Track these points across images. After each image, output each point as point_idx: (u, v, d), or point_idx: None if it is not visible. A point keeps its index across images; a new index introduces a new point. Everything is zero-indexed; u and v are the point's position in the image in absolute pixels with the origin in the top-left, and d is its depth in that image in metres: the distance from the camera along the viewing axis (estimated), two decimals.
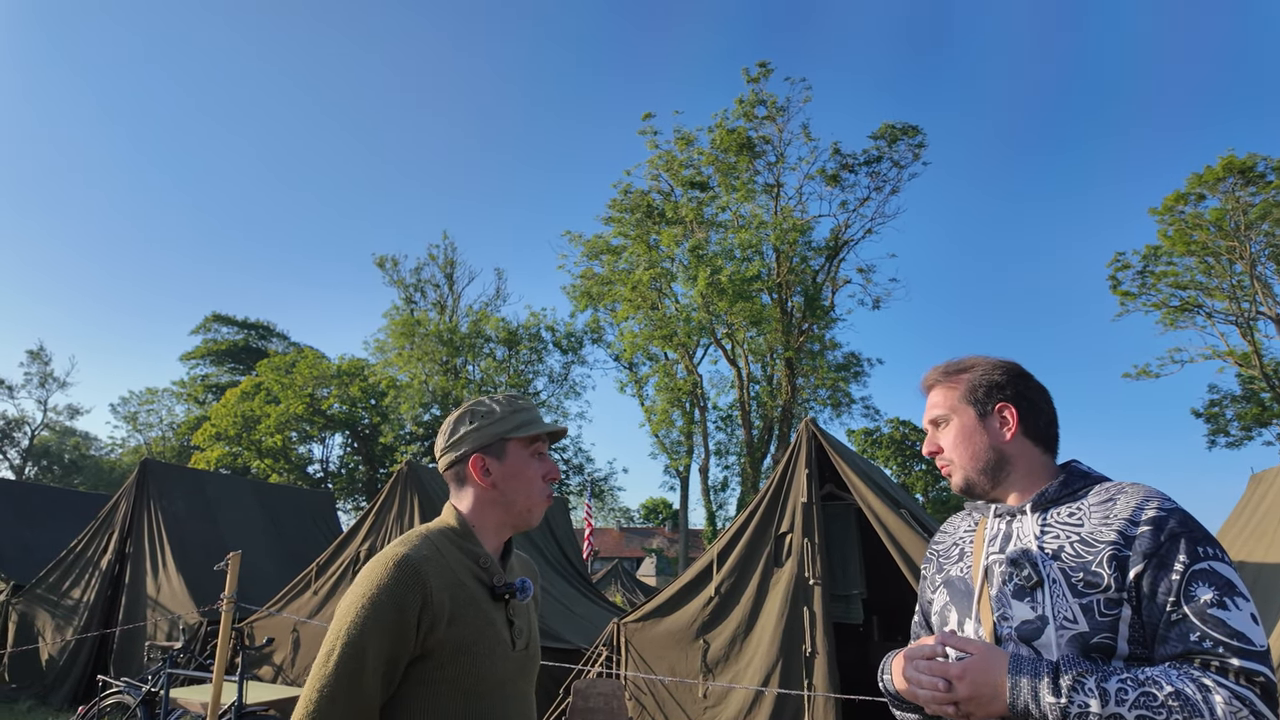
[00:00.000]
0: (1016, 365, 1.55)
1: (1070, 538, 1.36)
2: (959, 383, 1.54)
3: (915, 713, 1.50)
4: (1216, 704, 1.12)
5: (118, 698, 5.89)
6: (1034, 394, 1.52)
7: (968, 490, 1.52)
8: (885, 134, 26.29)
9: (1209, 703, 1.12)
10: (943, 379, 1.57)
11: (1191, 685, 1.14)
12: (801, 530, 5.63)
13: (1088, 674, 1.19)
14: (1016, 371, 1.54)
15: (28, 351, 46.57)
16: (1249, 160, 24.11)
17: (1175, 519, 1.29)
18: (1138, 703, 1.13)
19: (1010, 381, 1.52)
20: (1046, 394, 1.54)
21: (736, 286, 23.77)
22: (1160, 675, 1.17)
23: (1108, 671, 1.20)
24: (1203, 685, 1.14)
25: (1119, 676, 1.18)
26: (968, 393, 1.52)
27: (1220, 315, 26.43)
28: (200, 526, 9.56)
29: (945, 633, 1.40)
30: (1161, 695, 1.13)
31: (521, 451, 1.56)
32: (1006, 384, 1.51)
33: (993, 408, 1.50)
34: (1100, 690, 1.16)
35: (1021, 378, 1.53)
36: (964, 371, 1.56)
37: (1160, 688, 1.14)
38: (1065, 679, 1.19)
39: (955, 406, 1.53)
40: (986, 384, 1.51)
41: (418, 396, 29.84)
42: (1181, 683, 1.15)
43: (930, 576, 1.64)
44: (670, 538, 50.13)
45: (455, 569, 1.46)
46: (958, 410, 1.52)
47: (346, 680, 1.31)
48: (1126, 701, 1.14)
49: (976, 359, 1.57)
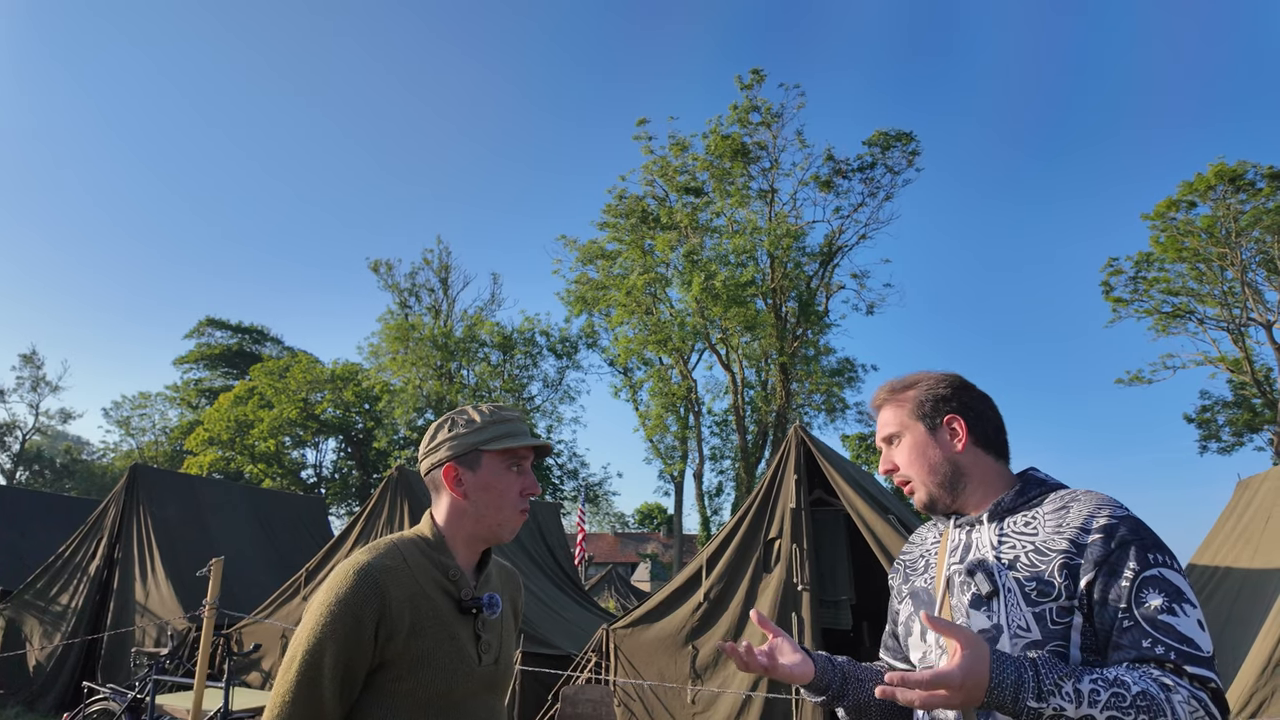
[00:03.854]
0: (959, 376, 1.58)
1: (1025, 547, 1.38)
2: (906, 399, 1.57)
3: (836, 703, 1.54)
4: (1176, 702, 1.15)
5: (103, 704, 5.86)
6: (978, 403, 1.54)
7: (931, 506, 1.54)
8: (879, 140, 26.40)
9: (1171, 702, 1.15)
10: (890, 397, 1.59)
11: (1154, 686, 1.17)
12: (790, 536, 5.63)
13: (1066, 677, 1.20)
14: (959, 383, 1.56)
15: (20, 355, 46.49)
16: (1239, 168, 24.28)
17: (1126, 526, 1.31)
18: (1109, 703, 1.15)
19: (955, 393, 1.54)
20: (991, 401, 1.56)
21: (731, 292, 23.82)
22: (1125, 675, 1.19)
23: (1081, 672, 1.21)
24: (1164, 685, 1.17)
25: (1090, 676, 1.19)
26: (915, 408, 1.54)
27: (1212, 321, 26.60)
28: (190, 532, 9.52)
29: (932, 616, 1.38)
30: (1130, 695, 1.16)
31: (497, 464, 1.53)
32: (951, 396, 1.53)
33: (941, 420, 1.52)
34: (1075, 692, 1.18)
35: (965, 388, 1.55)
36: (910, 388, 1.58)
37: (1128, 688, 1.16)
38: (1047, 682, 1.19)
39: (905, 423, 1.55)
40: (932, 398, 1.54)
41: (412, 401, 29.79)
42: (1146, 683, 1.17)
43: (897, 588, 1.67)
44: (665, 543, 50.06)
45: (420, 580, 1.45)
46: (908, 426, 1.54)
47: (305, 688, 1.31)
48: (1099, 703, 1.16)
49: (920, 375, 1.60)
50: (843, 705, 1.56)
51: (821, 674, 1.52)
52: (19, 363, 42.38)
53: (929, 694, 1.19)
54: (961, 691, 1.18)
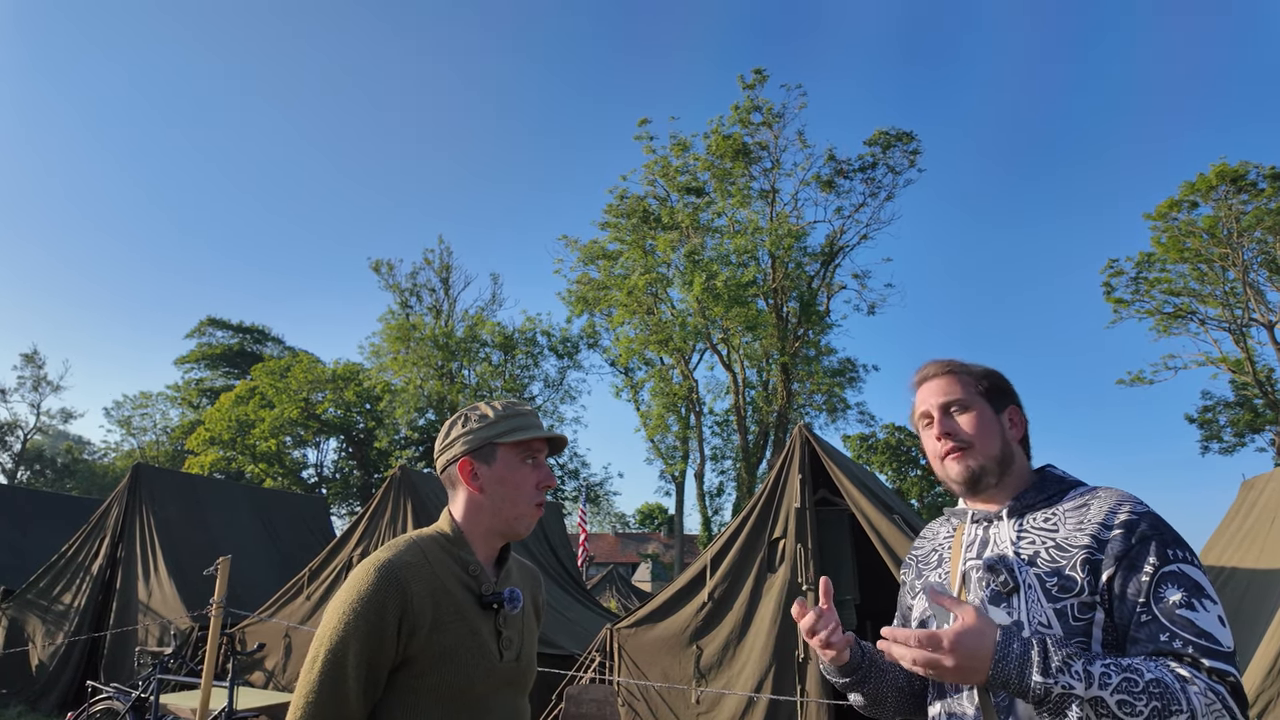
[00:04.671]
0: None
1: (1046, 543, 1.38)
2: (972, 378, 1.56)
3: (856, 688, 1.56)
4: (1193, 694, 1.15)
5: (107, 703, 5.85)
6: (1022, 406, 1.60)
7: (976, 478, 1.49)
8: (880, 140, 26.41)
9: (1186, 692, 1.15)
10: (957, 369, 1.58)
11: (1170, 675, 1.17)
12: (794, 536, 5.62)
13: (1075, 656, 1.20)
14: (1010, 383, 1.61)
15: (21, 354, 46.47)
16: (1241, 168, 24.29)
17: (1146, 522, 1.32)
18: (1120, 687, 1.15)
19: (1011, 389, 1.59)
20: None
21: (732, 292, 23.81)
22: (1141, 664, 1.19)
23: (1092, 655, 1.22)
24: (1180, 676, 1.17)
25: (1103, 661, 1.19)
26: (985, 390, 1.55)
27: (1213, 322, 26.59)
28: (192, 531, 9.52)
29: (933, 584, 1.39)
30: (1143, 682, 1.15)
31: (511, 457, 1.53)
32: (1010, 390, 1.58)
33: (1004, 408, 1.55)
34: (1085, 673, 1.17)
35: (1014, 390, 1.60)
36: (972, 371, 1.58)
37: (1141, 675, 1.16)
38: (1055, 659, 1.18)
39: (973, 398, 1.54)
40: (999, 386, 1.57)
41: (412, 401, 29.79)
42: (1160, 672, 1.17)
43: (910, 582, 1.67)
44: (666, 543, 50.04)
45: (442, 575, 1.44)
46: (975, 401, 1.54)
47: (330, 687, 1.31)
48: (1110, 685, 1.16)
49: (971, 363, 1.62)
50: (862, 690, 1.57)
51: (853, 655, 1.54)
52: (20, 362, 42.40)
53: (918, 651, 1.20)
54: (953, 656, 1.18)
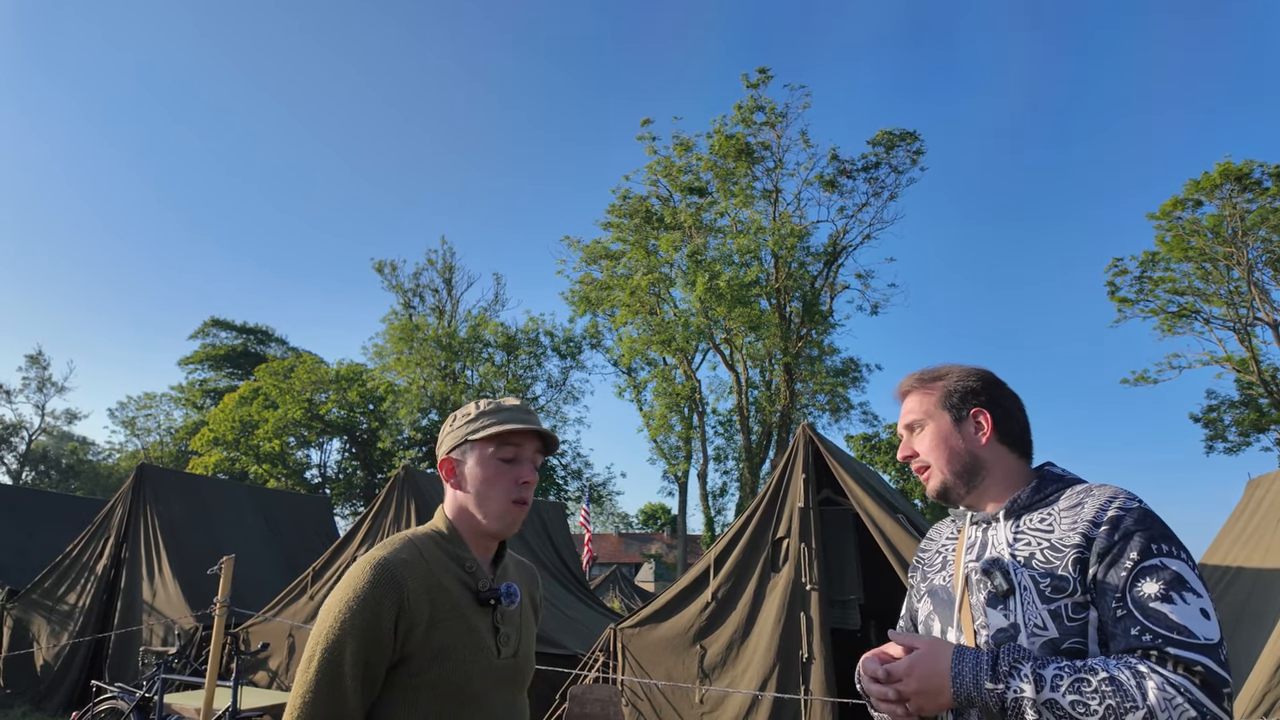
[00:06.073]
0: (990, 373, 1.58)
1: (1041, 544, 1.37)
2: (934, 389, 1.56)
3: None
4: (1149, 689, 1.13)
5: (111, 703, 5.87)
6: (1007, 400, 1.54)
7: (943, 494, 1.53)
8: (883, 140, 26.36)
9: (1142, 689, 1.13)
10: (918, 385, 1.59)
11: (1126, 672, 1.15)
12: (799, 535, 5.62)
13: (1024, 659, 1.21)
14: (990, 379, 1.56)
15: (26, 356, 46.48)
16: (1245, 167, 24.20)
17: (1132, 517, 1.29)
18: (1071, 688, 1.16)
19: (984, 388, 1.54)
20: (1019, 401, 1.56)
21: (735, 292, 23.79)
22: (1097, 663, 1.19)
23: (1047, 659, 1.22)
24: (1138, 672, 1.15)
25: (1056, 664, 1.20)
26: (943, 398, 1.54)
27: (1218, 321, 26.48)
28: (196, 531, 9.54)
29: (893, 632, 1.43)
30: (1095, 681, 1.15)
31: (485, 454, 1.50)
32: (981, 390, 1.53)
33: (968, 413, 1.52)
34: (1036, 675, 1.18)
35: (995, 384, 1.55)
36: (939, 379, 1.57)
37: (1095, 674, 1.16)
38: (1003, 665, 1.21)
39: (931, 412, 1.54)
40: (961, 390, 1.54)
41: (416, 401, 29.82)
42: (1116, 669, 1.16)
43: (916, 586, 1.66)
44: (669, 543, 50.07)
45: (438, 572, 1.44)
46: (933, 415, 1.54)
47: (327, 685, 1.31)
48: (1060, 687, 1.16)
49: (951, 367, 1.60)
50: None
51: None
52: (25, 363, 42.52)
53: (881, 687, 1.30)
54: (913, 680, 1.27)
